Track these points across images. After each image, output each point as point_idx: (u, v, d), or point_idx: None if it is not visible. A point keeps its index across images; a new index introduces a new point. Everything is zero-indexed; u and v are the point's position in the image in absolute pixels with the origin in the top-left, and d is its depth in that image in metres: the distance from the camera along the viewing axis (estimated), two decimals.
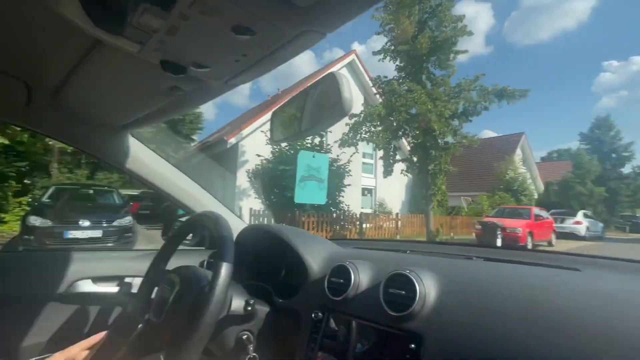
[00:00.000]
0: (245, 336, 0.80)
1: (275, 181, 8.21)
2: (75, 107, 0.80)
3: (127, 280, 1.07)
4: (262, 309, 0.87)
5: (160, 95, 0.68)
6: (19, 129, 6.43)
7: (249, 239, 1.06)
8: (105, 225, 5.78)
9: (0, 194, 7.37)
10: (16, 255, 0.98)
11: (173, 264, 0.86)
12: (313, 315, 0.74)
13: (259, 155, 8.79)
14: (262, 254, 1.06)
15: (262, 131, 9.11)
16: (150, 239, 7.11)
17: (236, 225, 1.14)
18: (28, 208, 6.91)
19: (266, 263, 1.05)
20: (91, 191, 7.58)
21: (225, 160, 11.28)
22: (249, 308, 0.76)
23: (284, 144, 8.24)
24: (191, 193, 1.14)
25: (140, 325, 0.73)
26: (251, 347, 0.77)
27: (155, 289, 0.85)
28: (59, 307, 0.96)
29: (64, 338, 0.96)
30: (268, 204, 8.56)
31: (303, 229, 1.12)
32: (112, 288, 1.04)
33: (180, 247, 1.00)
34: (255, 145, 9.81)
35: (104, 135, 0.91)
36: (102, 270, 1.04)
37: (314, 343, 0.73)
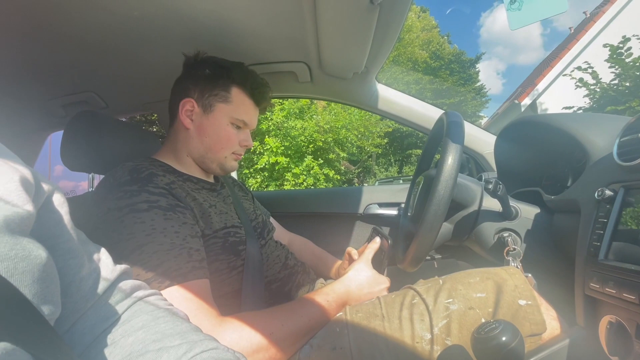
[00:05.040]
0: (507, 234, 0.71)
1: None
2: (332, 69, 1.09)
3: (402, 205, 1.25)
4: (528, 209, 0.73)
5: (368, 14, 0.78)
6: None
7: (508, 145, 0.91)
8: None
9: None
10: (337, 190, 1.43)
11: None
12: (596, 194, 0.52)
13: (567, 108, 6.86)
14: (526, 155, 0.87)
15: (565, 75, 7.06)
16: None
17: None
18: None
19: (532, 164, 0.85)
20: (401, 181, 9.28)
21: None
22: (504, 203, 0.67)
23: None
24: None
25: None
26: (515, 247, 0.67)
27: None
28: (360, 224, 1.30)
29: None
30: None
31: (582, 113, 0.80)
32: (393, 212, 1.27)
33: None
34: (559, 96, 7.78)
35: (356, 85, 1.16)
36: (384, 198, 1.30)
37: (601, 229, 0.51)
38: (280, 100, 7.79)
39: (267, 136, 7.66)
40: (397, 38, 0.94)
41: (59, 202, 0.40)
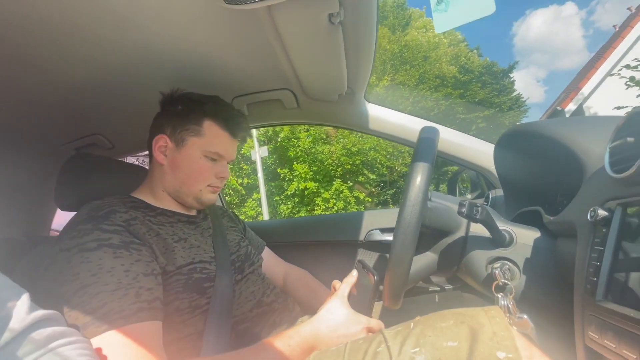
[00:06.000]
0: (498, 264, 0.60)
1: None
2: (315, 93, 1.07)
3: None
4: (525, 233, 0.62)
5: (331, 34, 0.75)
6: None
7: (506, 158, 0.80)
8: None
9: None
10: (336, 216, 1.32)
11: None
12: (589, 215, 0.42)
13: (619, 108, 6.24)
14: (527, 168, 0.75)
15: (613, 75, 6.50)
16: None
17: None
18: None
19: (535, 177, 0.74)
20: None
21: None
22: (490, 228, 0.57)
23: None
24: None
25: None
26: (505, 281, 0.57)
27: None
28: (362, 252, 1.21)
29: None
30: None
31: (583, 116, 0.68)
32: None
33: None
34: (607, 98, 7.13)
35: (344, 107, 1.11)
36: (387, 223, 1.20)
37: (598, 260, 0.40)
38: (307, 127, 7.95)
39: (295, 162, 7.79)
40: (374, 56, 0.90)
41: None
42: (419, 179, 0.56)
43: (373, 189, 8.82)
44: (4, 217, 1.33)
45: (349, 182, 7.78)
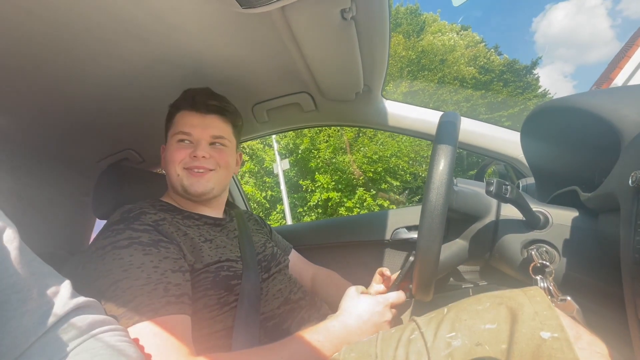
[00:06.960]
0: (534, 247, 0.57)
1: None
2: (332, 93, 1.08)
3: None
4: (561, 213, 0.59)
5: (345, 30, 0.77)
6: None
7: (534, 142, 0.76)
8: None
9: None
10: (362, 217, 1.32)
11: None
12: (630, 180, 0.40)
13: None
14: (558, 149, 0.71)
15: None
16: None
17: None
18: None
19: (566, 158, 0.70)
20: None
21: None
22: (523, 208, 0.55)
23: None
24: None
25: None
26: (544, 262, 0.54)
27: None
28: (390, 251, 1.19)
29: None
30: None
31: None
32: None
33: None
34: None
35: (362, 105, 1.12)
36: (413, 220, 1.18)
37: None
38: (326, 138, 8.02)
39: (317, 173, 7.84)
40: (388, 51, 0.90)
41: (9, 239, 0.42)
42: (442, 161, 0.54)
43: (397, 196, 8.66)
44: (45, 233, 1.42)
45: (372, 190, 7.71)
